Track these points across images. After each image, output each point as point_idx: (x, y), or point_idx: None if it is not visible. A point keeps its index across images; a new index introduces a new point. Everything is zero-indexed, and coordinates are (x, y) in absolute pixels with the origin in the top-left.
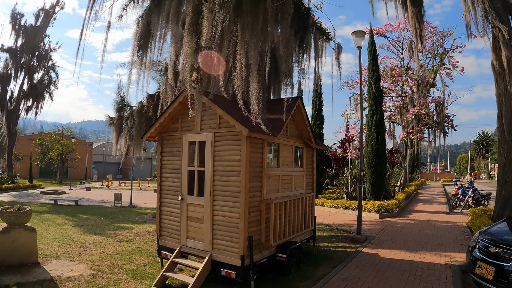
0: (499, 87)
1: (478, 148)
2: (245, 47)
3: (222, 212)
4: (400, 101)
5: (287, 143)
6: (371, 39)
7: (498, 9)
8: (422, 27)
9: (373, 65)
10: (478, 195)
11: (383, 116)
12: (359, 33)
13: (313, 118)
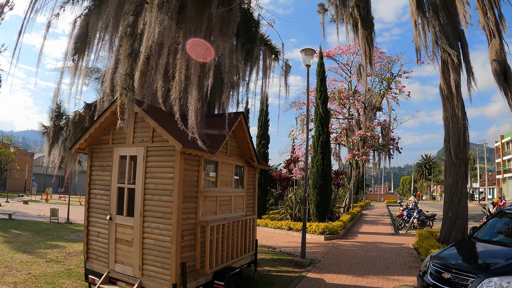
0: (447, 111)
1: (421, 170)
2: (185, 55)
3: (153, 235)
4: (347, 123)
5: (227, 162)
6: (320, 60)
7: (448, 34)
8: (371, 50)
9: (321, 86)
10: (423, 216)
11: (329, 137)
12: (308, 51)
13: (258, 138)
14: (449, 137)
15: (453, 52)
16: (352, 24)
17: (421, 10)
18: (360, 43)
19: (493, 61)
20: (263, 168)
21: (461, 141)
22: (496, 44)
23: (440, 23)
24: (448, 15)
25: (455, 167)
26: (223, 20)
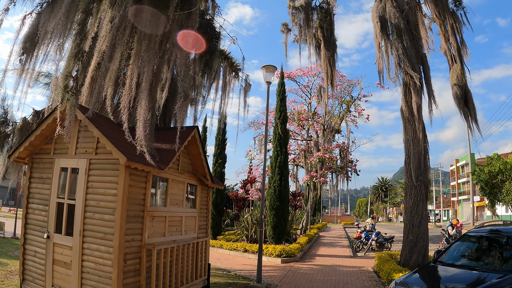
0: (408, 133)
1: (377, 193)
2: (138, 61)
3: (93, 257)
4: (305, 145)
5: (178, 179)
6: (281, 80)
7: (411, 57)
8: (333, 71)
9: (281, 105)
10: (382, 239)
11: (288, 158)
12: (269, 68)
13: (215, 156)
14: (409, 159)
15: (415, 75)
16: (315, 45)
17: (385, 33)
18: (322, 64)
19: (454, 85)
20: (217, 187)
21: (421, 163)
22: (458, 69)
23: (404, 46)
24: (411, 38)
25: (416, 190)
26: (181, 25)
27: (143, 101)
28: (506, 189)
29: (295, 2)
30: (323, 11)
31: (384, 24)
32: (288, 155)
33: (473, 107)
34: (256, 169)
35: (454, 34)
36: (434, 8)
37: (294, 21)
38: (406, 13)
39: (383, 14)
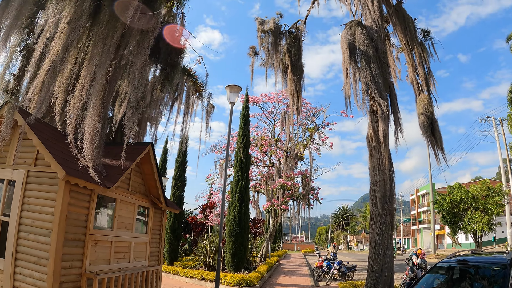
0: (374, 161)
1: (338, 221)
2: (92, 66)
3: (25, 284)
4: (267, 171)
5: (128, 200)
6: (246, 103)
7: (379, 84)
8: (299, 96)
9: (244, 129)
10: (344, 268)
11: (249, 184)
12: (234, 88)
13: (174, 179)
14: (375, 187)
15: (383, 102)
16: (281, 70)
17: (353, 59)
18: (289, 89)
19: (421, 114)
20: (172, 211)
21: (387, 192)
22: (425, 98)
23: (372, 73)
24: (380, 66)
25: (381, 218)
26: (141, 31)
27: (93, 110)
28: (468, 217)
29: (264, 25)
30: (292, 36)
31: (353, 51)
32: (250, 181)
33: (440, 136)
34: (216, 194)
35: (421, 64)
36: (403, 37)
37: (262, 44)
38: (375, 40)
39: (352, 41)
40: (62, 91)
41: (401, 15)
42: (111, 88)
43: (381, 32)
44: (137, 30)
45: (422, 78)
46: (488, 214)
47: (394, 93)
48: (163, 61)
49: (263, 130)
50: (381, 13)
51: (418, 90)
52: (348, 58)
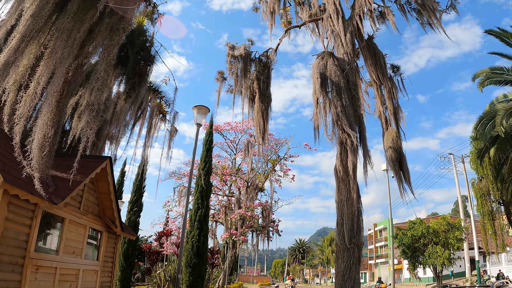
0: (341, 193)
1: (294, 254)
2: (53, 61)
3: None
4: (226, 201)
5: (79, 221)
6: (210, 129)
7: (349, 116)
8: (266, 125)
9: (206, 156)
10: None
11: (209, 212)
12: (202, 109)
13: (131, 204)
14: (342, 220)
15: (353, 133)
16: (249, 98)
17: (324, 90)
18: (256, 116)
19: (389, 148)
20: (128, 236)
21: (355, 225)
22: (393, 132)
23: (343, 104)
24: (350, 98)
25: (349, 252)
26: (111, 28)
27: (47, 111)
28: (429, 252)
29: (235, 51)
30: (262, 64)
31: (324, 81)
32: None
33: (407, 170)
34: (173, 222)
35: (391, 98)
36: (374, 71)
37: (231, 70)
38: (346, 72)
39: (324, 71)
40: (15, 89)
41: (372, 50)
42: (70, 90)
43: (352, 65)
44: (107, 27)
45: (391, 112)
46: (449, 248)
47: (363, 125)
48: (131, 70)
49: (224, 159)
50: (353, 46)
51: (386, 124)
52: (319, 87)
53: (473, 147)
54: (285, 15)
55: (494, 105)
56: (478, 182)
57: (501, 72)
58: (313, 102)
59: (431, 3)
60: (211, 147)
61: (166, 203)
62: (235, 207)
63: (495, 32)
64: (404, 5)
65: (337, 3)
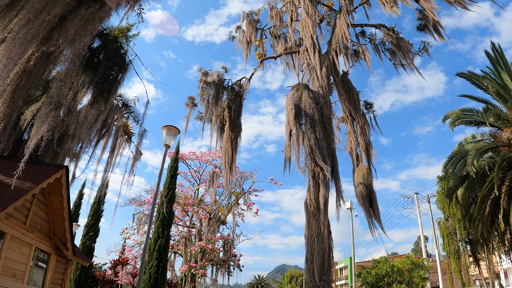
0: (312, 228)
1: None
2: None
3: None
4: (187, 232)
5: (23, 238)
6: (176, 155)
7: (323, 149)
8: (234, 155)
9: (170, 183)
10: None
11: (169, 242)
12: (172, 130)
13: (87, 228)
14: (312, 256)
15: (326, 167)
16: (218, 126)
17: (298, 121)
18: (224, 146)
19: (360, 184)
20: (81, 262)
21: (325, 261)
22: (364, 168)
23: (316, 137)
24: (324, 131)
25: None
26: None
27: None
28: None
29: (208, 77)
30: (234, 92)
31: (298, 113)
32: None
33: (377, 207)
34: (130, 251)
35: (363, 134)
36: (347, 106)
37: (203, 96)
38: (321, 105)
39: (299, 103)
40: None
41: (347, 85)
42: (29, 82)
43: (327, 98)
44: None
45: (362, 149)
46: (413, 287)
47: (336, 159)
48: (101, 75)
49: (187, 189)
50: (328, 80)
51: (357, 161)
52: (293, 119)
53: (440, 186)
54: (261, 47)
55: (463, 145)
56: (445, 221)
57: (470, 113)
58: (286, 133)
59: (406, 45)
60: (175, 174)
61: (123, 230)
62: (196, 239)
63: (466, 74)
64: (378, 45)
65: (314, 38)
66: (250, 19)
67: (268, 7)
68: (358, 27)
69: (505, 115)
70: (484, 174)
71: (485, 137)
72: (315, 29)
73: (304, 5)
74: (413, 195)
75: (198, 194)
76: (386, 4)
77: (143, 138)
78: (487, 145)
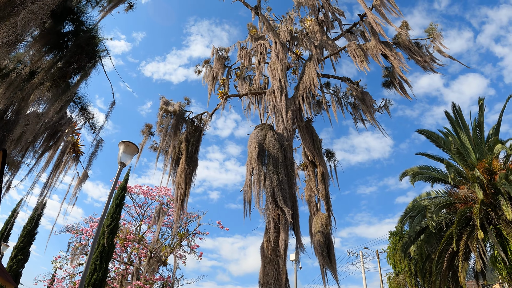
0: (268, 275)
1: None
2: None
3: None
4: (124, 269)
5: None
6: (124, 183)
7: (285, 192)
8: (188, 190)
9: (115, 212)
10: None
11: (106, 277)
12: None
13: (16, 250)
14: None
15: (288, 210)
16: (173, 159)
17: (260, 161)
18: (178, 179)
19: (318, 232)
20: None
21: None
22: (323, 217)
23: (279, 179)
24: (287, 174)
25: None
26: None
27: None
28: None
29: (169, 106)
30: (193, 126)
31: (262, 152)
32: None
33: (334, 258)
34: (60, 282)
35: (323, 182)
36: (311, 150)
37: (161, 125)
38: (285, 148)
39: (262, 143)
40: None
41: (310, 132)
42: None
43: (290, 142)
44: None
45: (322, 196)
46: None
47: (296, 205)
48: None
49: (129, 224)
50: (293, 124)
51: (315, 209)
52: (256, 158)
53: (392, 242)
54: (226, 86)
55: (418, 202)
56: (395, 276)
57: (428, 170)
58: (247, 172)
59: (370, 99)
60: (122, 203)
61: (56, 258)
62: (133, 277)
63: (426, 132)
64: (341, 98)
65: (283, 81)
66: (220, 55)
67: (238, 46)
68: (325, 77)
69: (463, 173)
70: (440, 230)
71: (439, 194)
72: (284, 73)
73: (276, 49)
74: (357, 251)
75: (140, 231)
76: (356, 58)
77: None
78: (445, 201)
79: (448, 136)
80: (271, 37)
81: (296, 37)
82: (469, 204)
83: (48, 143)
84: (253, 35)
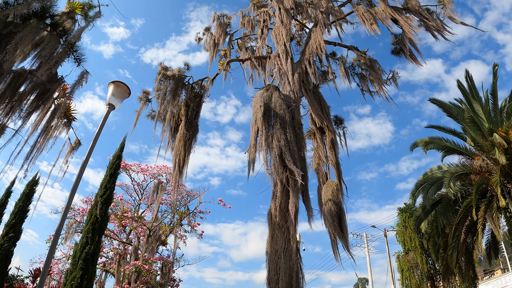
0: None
1: None
2: None
3: None
4: (122, 249)
5: None
6: (120, 152)
7: (294, 152)
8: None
9: (109, 182)
10: None
11: (99, 251)
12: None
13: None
14: (278, 276)
15: (298, 171)
16: (172, 127)
17: (266, 120)
18: (176, 145)
19: (329, 201)
20: None
21: (293, 282)
22: (333, 184)
23: (287, 139)
24: (295, 135)
25: None
26: None
27: None
28: None
29: (168, 71)
30: (194, 92)
31: (267, 112)
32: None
33: (346, 227)
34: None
35: (333, 149)
36: (320, 115)
37: (159, 91)
38: (292, 109)
39: (268, 102)
40: None
41: (318, 97)
42: None
43: (298, 104)
44: None
45: (332, 163)
46: None
47: (306, 169)
48: None
49: (127, 204)
50: (300, 86)
51: (325, 177)
52: (261, 117)
53: (401, 219)
54: (229, 51)
55: (429, 175)
56: (404, 255)
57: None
58: (252, 132)
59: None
60: (116, 172)
61: (50, 237)
62: (132, 257)
63: (438, 101)
64: (348, 69)
65: (288, 45)
66: (221, 22)
67: (240, 15)
68: (331, 45)
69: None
70: (456, 202)
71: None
72: (288, 38)
73: (280, 14)
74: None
75: (139, 210)
76: (366, 21)
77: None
78: (461, 170)
79: (462, 104)
80: (275, 4)
81: (300, 4)
82: (485, 174)
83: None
84: (255, 3)
